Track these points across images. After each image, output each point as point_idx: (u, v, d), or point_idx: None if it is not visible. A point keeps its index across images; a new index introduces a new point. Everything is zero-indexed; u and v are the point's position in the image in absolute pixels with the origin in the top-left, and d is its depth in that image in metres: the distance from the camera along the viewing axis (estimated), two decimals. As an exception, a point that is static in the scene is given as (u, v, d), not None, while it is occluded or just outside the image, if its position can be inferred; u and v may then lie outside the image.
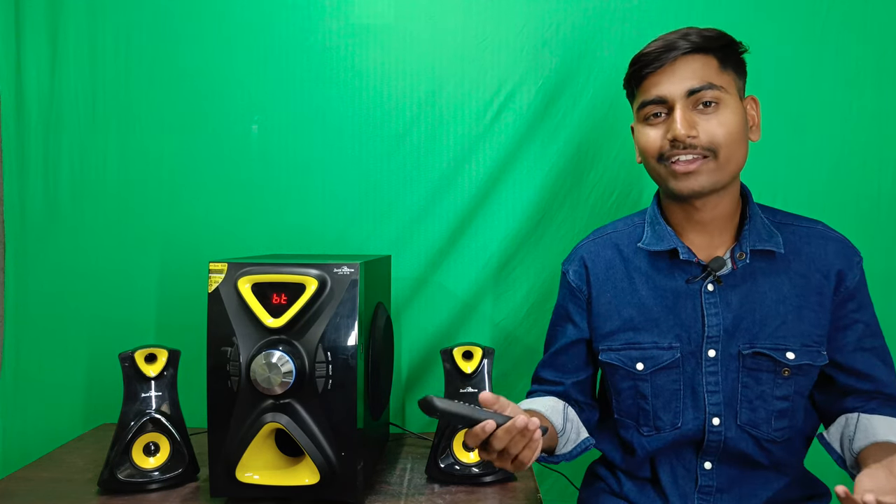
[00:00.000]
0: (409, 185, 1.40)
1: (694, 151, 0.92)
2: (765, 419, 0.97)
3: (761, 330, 0.97)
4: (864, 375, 0.98)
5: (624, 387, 1.03)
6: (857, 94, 1.34)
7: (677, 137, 0.91)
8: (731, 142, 0.92)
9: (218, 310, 0.97)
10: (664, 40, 0.94)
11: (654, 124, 0.96)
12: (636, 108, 0.99)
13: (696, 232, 1.00)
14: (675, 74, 0.93)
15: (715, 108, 0.92)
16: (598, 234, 1.09)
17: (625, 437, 1.05)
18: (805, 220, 1.01)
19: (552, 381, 1.10)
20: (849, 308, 0.97)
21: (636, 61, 0.96)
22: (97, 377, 1.42)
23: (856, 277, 0.97)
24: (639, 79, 0.96)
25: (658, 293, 1.01)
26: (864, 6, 1.32)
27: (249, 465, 0.97)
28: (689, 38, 0.92)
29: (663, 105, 0.94)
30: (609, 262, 1.05)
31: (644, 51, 0.95)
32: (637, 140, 1.00)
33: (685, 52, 0.92)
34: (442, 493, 1.06)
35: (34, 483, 1.07)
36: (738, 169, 0.95)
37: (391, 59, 1.38)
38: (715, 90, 0.92)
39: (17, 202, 1.40)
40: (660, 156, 0.94)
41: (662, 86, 0.93)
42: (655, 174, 0.98)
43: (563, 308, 1.10)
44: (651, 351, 1.00)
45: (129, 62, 1.39)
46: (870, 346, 0.98)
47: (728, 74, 0.94)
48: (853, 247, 0.99)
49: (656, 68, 0.94)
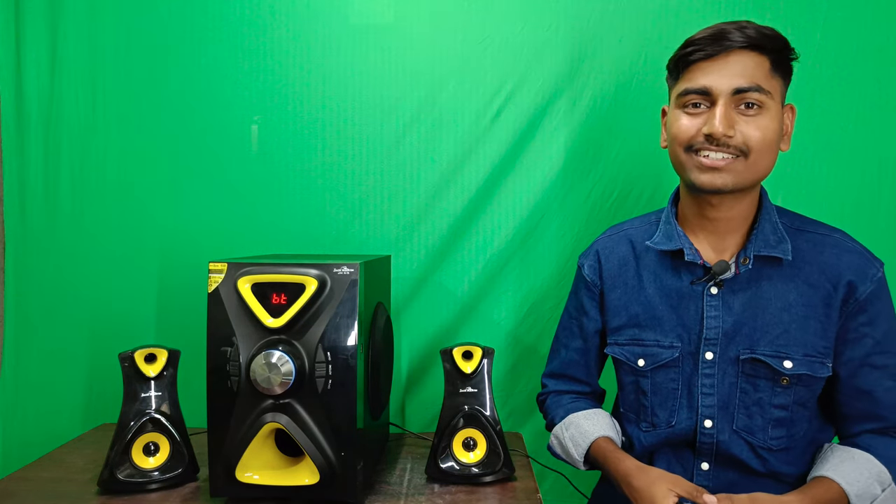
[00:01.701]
0: (409, 185, 1.40)
1: (726, 150, 0.90)
2: (761, 426, 0.96)
3: (762, 336, 0.95)
4: (865, 394, 0.94)
5: (627, 381, 1.06)
6: (857, 94, 1.33)
7: (714, 134, 0.89)
8: (764, 147, 0.90)
9: (218, 310, 0.96)
10: (720, 28, 0.90)
11: (691, 113, 0.93)
12: (677, 93, 0.95)
13: (706, 232, 0.99)
14: (725, 68, 0.90)
15: (757, 111, 0.90)
16: (615, 231, 1.11)
17: (627, 431, 1.07)
18: (823, 228, 0.98)
19: (584, 380, 1.14)
20: (858, 321, 0.93)
21: (688, 44, 0.92)
22: (97, 377, 1.42)
23: (868, 290, 0.92)
24: (686, 62, 0.93)
25: (664, 292, 1.01)
26: (865, 6, 1.32)
27: (249, 465, 0.96)
28: (746, 31, 0.89)
29: (706, 97, 0.91)
30: (622, 259, 1.06)
31: (697, 36, 0.91)
32: (669, 125, 0.97)
33: (740, 47, 0.89)
34: (442, 493, 1.06)
35: (34, 483, 1.07)
36: (763, 175, 0.93)
37: (391, 59, 1.38)
38: (761, 94, 0.89)
39: (17, 202, 1.40)
40: (689, 146, 0.93)
41: (710, 77, 0.90)
42: (678, 163, 0.96)
43: (578, 301, 1.12)
44: (653, 348, 1.01)
45: (129, 62, 1.39)
46: (880, 364, 0.93)
47: (776, 79, 0.92)
48: (873, 259, 0.94)
49: (707, 56, 0.90)
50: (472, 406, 1.11)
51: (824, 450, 0.97)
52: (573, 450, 1.05)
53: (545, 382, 1.19)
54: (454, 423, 1.10)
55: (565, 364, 1.15)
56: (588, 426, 1.05)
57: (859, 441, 0.94)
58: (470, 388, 1.11)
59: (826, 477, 0.90)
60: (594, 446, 1.03)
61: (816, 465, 0.95)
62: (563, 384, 1.16)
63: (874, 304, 0.93)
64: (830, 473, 0.90)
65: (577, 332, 1.13)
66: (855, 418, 0.97)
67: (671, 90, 0.99)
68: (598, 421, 1.07)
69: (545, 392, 1.19)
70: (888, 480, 0.90)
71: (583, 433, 1.05)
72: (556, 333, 1.18)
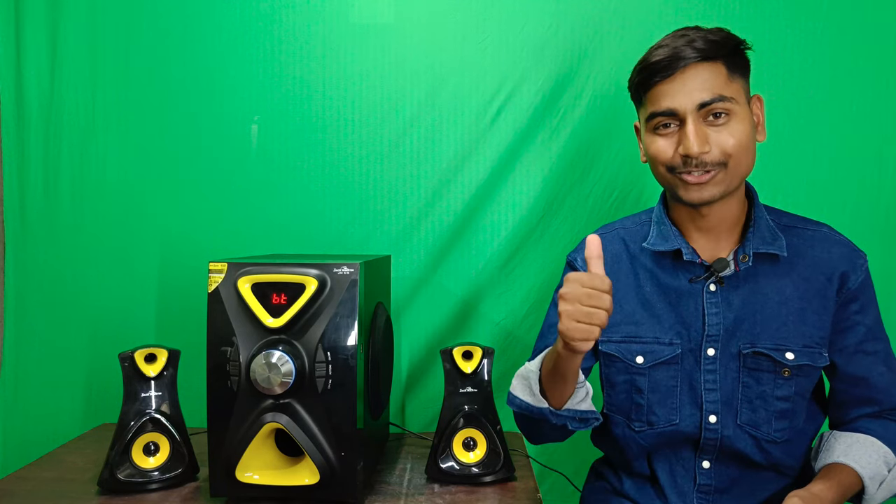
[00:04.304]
0: (409, 185, 1.40)
1: (704, 168, 0.92)
2: (765, 419, 0.97)
3: (762, 331, 0.97)
4: (860, 380, 0.98)
5: (619, 380, 1.04)
6: (857, 93, 1.33)
7: (690, 154, 0.90)
8: (741, 151, 0.92)
9: (218, 310, 0.97)
10: (671, 48, 0.92)
11: (663, 134, 0.95)
12: (644, 117, 0.98)
13: (700, 233, 1.00)
14: (685, 85, 0.91)
15: (726, 118, 0.91)
16: (607, 229, 1.10)
17: (615, 434, 1.05)
18: (811, 223, 1.01)
19: None
20: (851, 310, 0.97)
21: (643, 69, 0.95)
22: (97, 377, 1.42)
23: (859, 279, 0.97)
24: (647, 86, 0.95)
25: (661, 290, 1.01)
26: (864, 6, 1.32)
27: (249, 465, 0.97)
28: (695, 45, 0.91)
29: (674, 117, 0.93)
30: (615, 256, 1.06)
31: (651, 59, 0.94)
32: (647, 146, 0.99)
33: (694, 61, 0.91)
34: (442, 493, 1.06)
35: (34, 483, 1.07)
36: (746, 174, 0.95)
37: (391, 59, 1.38)
38: (725, 102, 0.91)
39: (17, 202, 1.40)
40: (670, 167, 0.94)
41: (673, 97, 0.92)
42: (664, 181, 0.98)
43: None
44: (652, 345, 1.01)
45: (129, 62, 1.39)
46: (871, 350, 0.98)
47: (736, 82, 0.93)
48: (858, 249, 0.99)
49: (665, 76, 0.92)
50: (472, 406, 1.11)
51: (826, 438, 0.99)
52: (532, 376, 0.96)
53: None
54: (454, 423, 1.10)
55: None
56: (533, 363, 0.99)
57: (858, 426, 0.98)
58: (470, 388, 1.11)
59: (840, 463, 0.93)
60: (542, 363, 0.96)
61: (823, 454, 0.97)
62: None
63: (864, 293, 0.98)
64: (843, 459, 0.93)
65: None
66: (851, 404, 1.00)
67: (638, 111, 1.01)
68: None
69: None
70: (893, 461, 0.94)
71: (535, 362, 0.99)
72: (541, 330, 1.13)
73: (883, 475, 0.92)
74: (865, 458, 0.92)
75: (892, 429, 0.97)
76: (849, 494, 0.92)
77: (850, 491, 0.92)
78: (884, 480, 0.92)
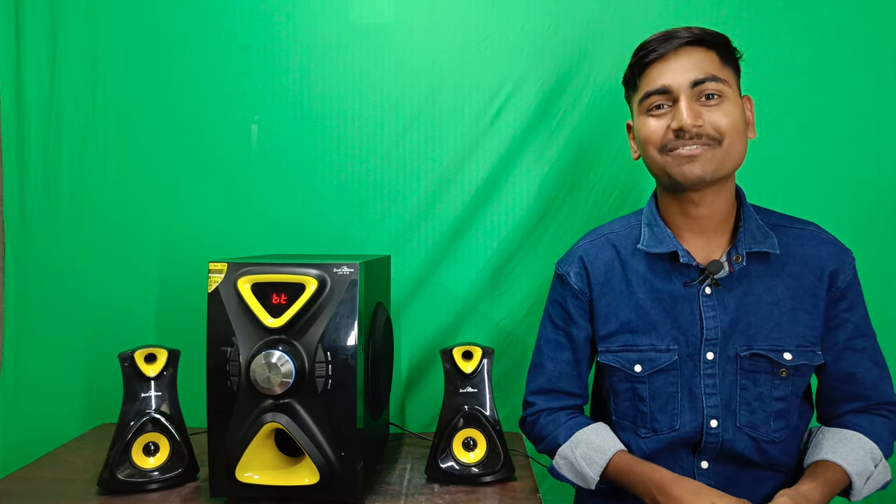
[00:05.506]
0: (409, 185, 1.40)
1: (699, 140, 0.92)
2: (763, 420, 0.98)
3: (758, 332, 0.97)
4: (849, 376, 0.99)
5: (622, 389, 1.04)
6: (857, 93, 1.33)
7: (683, 127, 0.92)
8: (734, 132, 0.93)
9: (218, 310, 0.97)
10: (666, 31, 0.96)
11: (656, 115, 0.96)
12: (638, 99, 0.99)
13: (693, 233, 1.00)
14: (678, 63, 0.94)
15: (718, 100, 0.93)
16: (596, 236, 1.09)
17: (623, 440, 1.05)
18: (798, 222, 1.02)
19: (577, 393, 1.10)
20: (840, 308, 0.98)
21: (639, 50, 0.98)
22: (97, 377, 1.42)
23: (847, 277, 0.98)
24: (642, 66, 0.97)
25: (655, 296, 1.01)
26: (864, 6, 1.32)
27: (249, 465, 0.97)
28: (691, 29, 0.94)
29: (667, 96, 0.95)
30: (608, 264, 1.05)
31: (647, 40, 0.97)
32: (638, 131, 1.00)
33: (688, 42, 0.94)
34: (442, 493, 1.06)
35: (34, 483, 1.07)
36: (738, 162, 0.96)
37: (391, 59, 1.38)
38: (718, 83, 0.93)
39: (17, 202, 1.40)
40: (663, 146, 0.95)
41: (667, 75, 0.94)
42: (656, 165, 0.98)
43: (564, 311, 1.09)
44: (649, 353, 1.01)
45: (129, 62, 1.39)
46: (860, 347, 0.99)
47: (728, 70, 0.96)
48: (845, 248, 1.00)
49: (661, 55, 0.95)
50: (472, 406, 1.11)
51: (815, 434, 1.01)
52: (588, 468, 1.00)
53: (533, 401, 1.12)
54: (454, 423, 1.10)
55: (555, 378, 1.09)
56: (600, 442, 1.01)
57: (846, 421, 0.99)
58: (470, 388, 1.11)
59: (827, 460, 0.94)
60: (613, 461, 0.99)
61: (812, 450, 0.98)
62: (555, 400, 1.10)
63: (852, 291, 0.99)
64: (830, 456, 0.94)
65: (565, 344, 1.09)
66: (840, 400, 1.01)
67: (632, 101, 1.03)
68: (608, 435, 1.03)
69: (535, 411, 1.11)
70: (879, 456, 0.95)
71: (597, 450, 1.01)
72: (538, 348, 1.13)
73: (869, 470, 0.94)
74: (852, 454, 0.94)
75: (878, 424, 0.98)
76: (836, 490, 0.94)
77: (838, 487, 0.93)
78: (870, 476, 0.94)
